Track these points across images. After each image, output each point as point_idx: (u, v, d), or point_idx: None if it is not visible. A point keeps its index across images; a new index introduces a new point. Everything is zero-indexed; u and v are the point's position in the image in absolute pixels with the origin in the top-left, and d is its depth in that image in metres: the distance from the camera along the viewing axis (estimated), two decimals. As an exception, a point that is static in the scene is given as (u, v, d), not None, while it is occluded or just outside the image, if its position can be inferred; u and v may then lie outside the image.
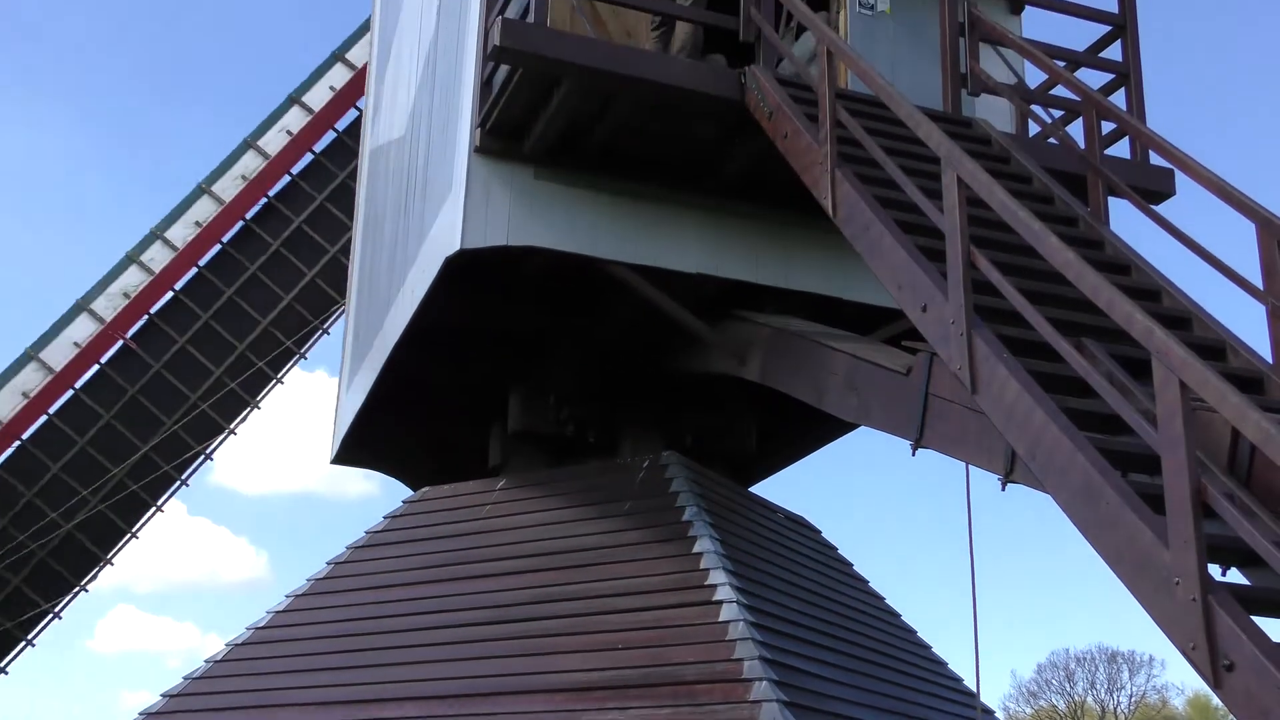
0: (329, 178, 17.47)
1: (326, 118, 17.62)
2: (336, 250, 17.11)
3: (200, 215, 16.95)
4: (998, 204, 6.05)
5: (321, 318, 17.33)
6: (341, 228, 16.97)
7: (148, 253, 16.78)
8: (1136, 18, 9.93)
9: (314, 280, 17.21)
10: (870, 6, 10.47)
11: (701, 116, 8.84)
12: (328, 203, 17.35)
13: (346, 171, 16.98)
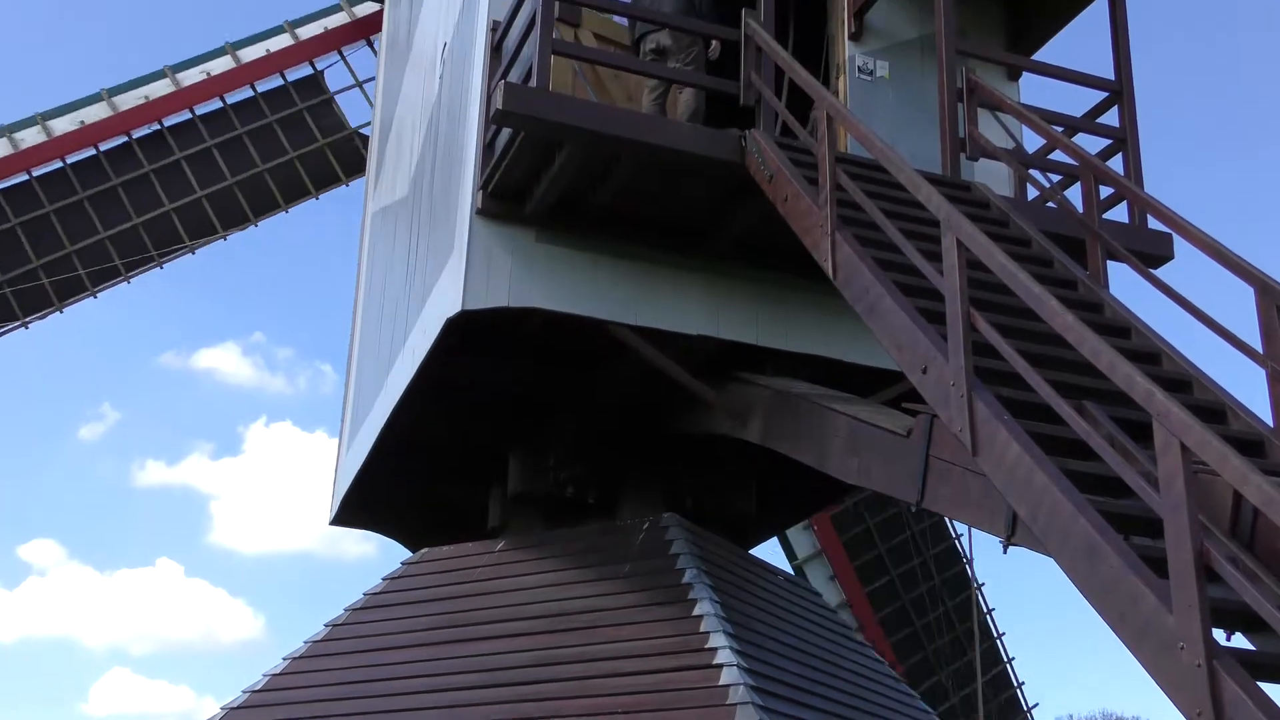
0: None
1: (308, 50, 16.50)
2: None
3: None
4: (997, 266, 6.07)
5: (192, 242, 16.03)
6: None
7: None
8: (1133, 84, 10.03)
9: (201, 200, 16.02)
10: (869, 72, 10.59)
11: (702, 179, 8.90)
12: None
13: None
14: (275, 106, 16.22)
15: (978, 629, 17.63)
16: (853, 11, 10.64)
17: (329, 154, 16.30)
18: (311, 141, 16.25)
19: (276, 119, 16.14)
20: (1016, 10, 11.20)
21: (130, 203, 15.53)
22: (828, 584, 18.05)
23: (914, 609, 18.61)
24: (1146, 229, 9.43)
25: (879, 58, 10.68)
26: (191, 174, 15.77)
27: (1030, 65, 10.62)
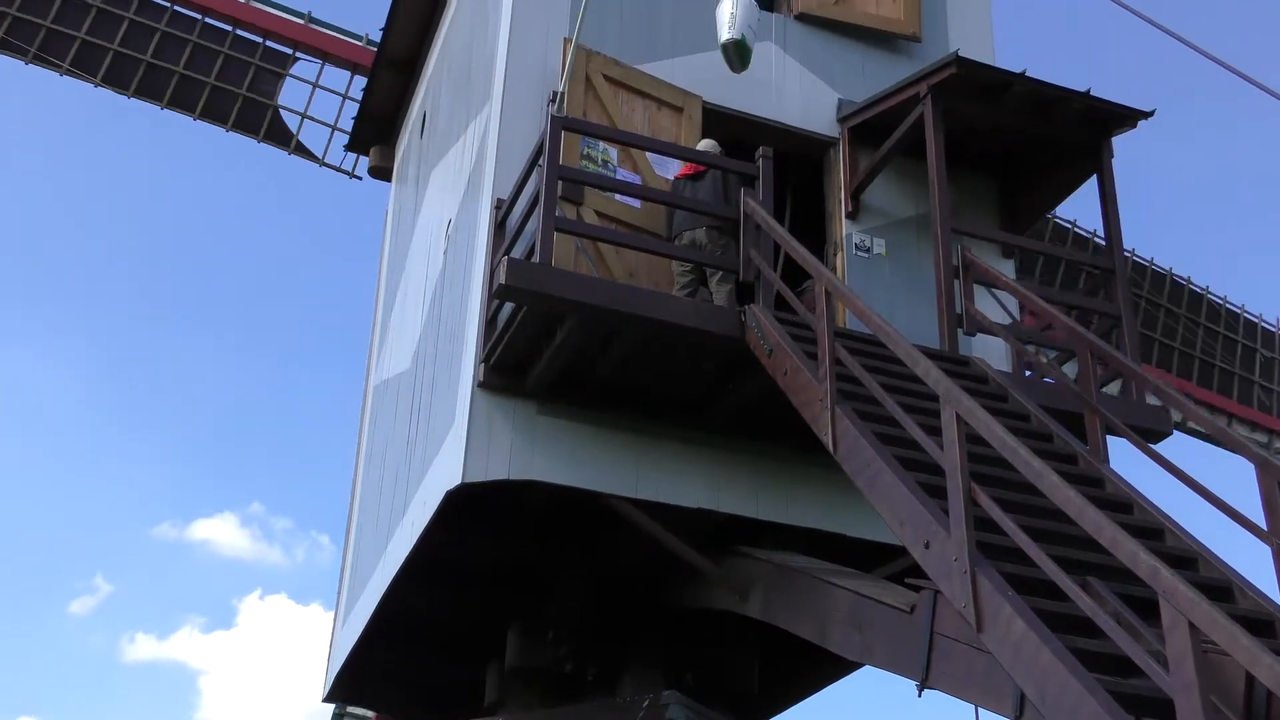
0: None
1: None
2: None
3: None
4: (997, 441, 6.08)
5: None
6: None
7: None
8: (1125, 263, 10.21)
9: None
10: (866, 249, 10.80)
11: (703, 353, 8.98)
12: None
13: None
14: (237, 48, 17.10)
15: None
16: (849, 191, 10.91)
17: (239, 103, 16.88)
18: (237, 85, 16.87)
19: (228, 53, 16.99)
20: (1009, 190, 11.47)
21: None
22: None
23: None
24: (1144, 404, 9.48)
25: (876, 235, 10.91)
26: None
27: (1025, 244, 10.83)
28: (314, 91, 17.09)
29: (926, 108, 10.09)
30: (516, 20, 10.55)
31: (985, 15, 12.57)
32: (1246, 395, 18.43)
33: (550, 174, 8.74)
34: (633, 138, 9.72)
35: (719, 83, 10.88)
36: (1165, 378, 17.16)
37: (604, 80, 10.15)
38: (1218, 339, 18.38)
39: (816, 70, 11.44)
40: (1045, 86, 10.15)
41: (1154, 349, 17.47)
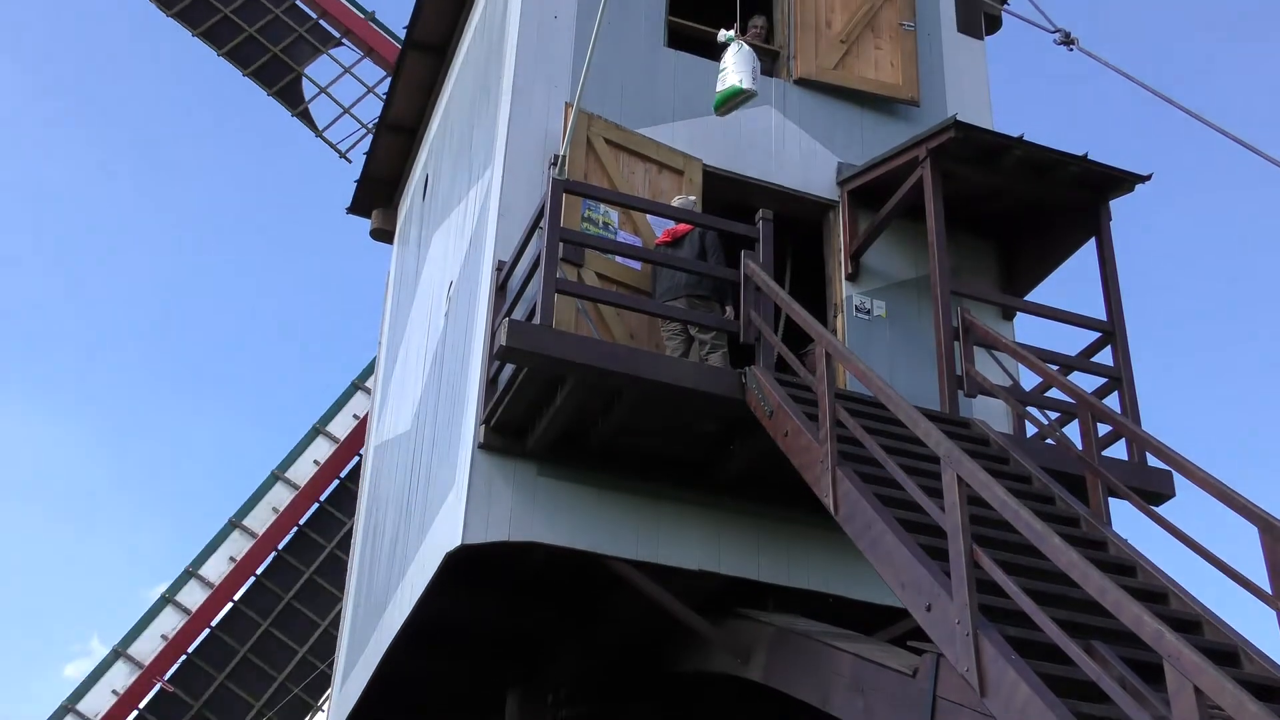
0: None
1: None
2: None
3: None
4: (998, 503, 6.07)
5: None
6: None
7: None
8: (1125, 325, 10.23)
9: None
10: (866, 311, 10.83)
11: (703, 415, 8.98)
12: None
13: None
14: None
15: None
16: (849, 253, 10.96)
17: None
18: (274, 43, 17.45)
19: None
20: (1008, 252, 11.53)
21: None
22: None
23: None
24: (1146, 466, 9.45)
25: (876, 297, 10.94)
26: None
27: (1024, 306, 10.85)
28: (343, 76, 17.57)
29: (926, 171, 10.16)
30: (518, 85, 10.66)
31: (983, 79, 12.70)
32: None
33: (551, 236, 8.79)
34: (633, 200, 9.78)
35: (719, 146, 10.98)
36: None
37: (605, 144, 10.23)
38: None
39: (816, 134, 11.54)
40: (1043, 150, 10.23)
41: None
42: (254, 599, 17.21)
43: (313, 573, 17.28)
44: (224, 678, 16.54)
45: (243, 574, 17.15)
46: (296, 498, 17.52)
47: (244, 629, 16.98)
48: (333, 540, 17.56)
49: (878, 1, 12.21)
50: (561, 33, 11.04)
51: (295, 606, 17.17)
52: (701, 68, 11.38)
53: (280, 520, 17.31)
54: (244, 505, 17.44)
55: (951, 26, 12.76)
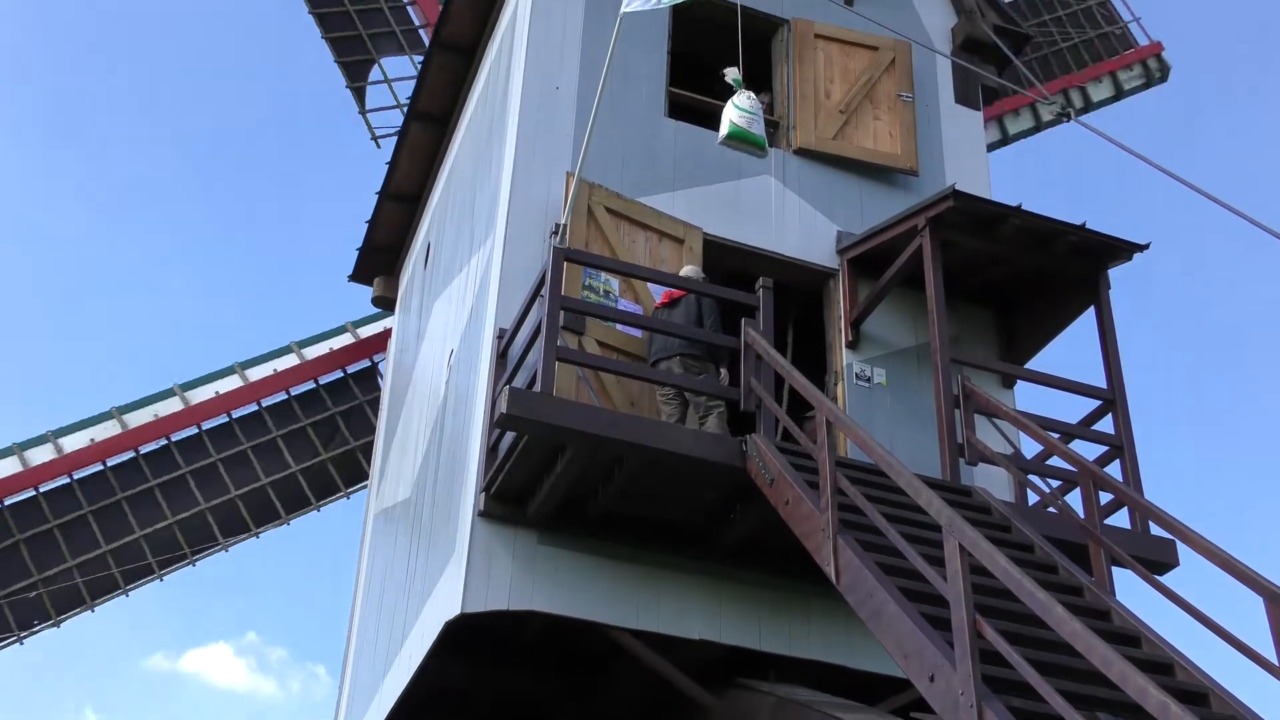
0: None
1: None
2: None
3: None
4: (1001, 572, 6.03)
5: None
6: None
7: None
8: (1125, 391, 10.24)
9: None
10: (867, 379, 10.84)
11: (704, 482, 8.96)
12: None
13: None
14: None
15: None
16: (849, 321, 10.99)
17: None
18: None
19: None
20: (1008, 320, 11.56)
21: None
22: None
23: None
24: (1149, 535, 9.41)
25: (876, 365, 10.96)
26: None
27: (1024, 374, 10.87)
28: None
29: (925, 240, 10.22)
30: (520, 154, 10.76)
31: (980, 149, 12.82)
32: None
33: (552, 304, 8.82)
34: (634, 269, 9.83)
35: (719, 214, 11.07)
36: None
37: (606, 212, 10.31)
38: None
39: (816, 203, 11.62)
40: (1041, 220, 10.29)
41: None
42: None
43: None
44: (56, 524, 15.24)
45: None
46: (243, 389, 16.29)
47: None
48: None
49: (876, 73, 12.35)
50: (563, 103, 11.16)
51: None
52: (701, 137, 11.50)
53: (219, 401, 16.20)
54: (193, 380, 16.29)
55: (949, 98, 12.90)
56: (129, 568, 15.35)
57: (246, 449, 16.10)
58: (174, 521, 15.61)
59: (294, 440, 16.41)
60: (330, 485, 16.46)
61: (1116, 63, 20.13)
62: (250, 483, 16.01)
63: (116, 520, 15.46)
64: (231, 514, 15.88)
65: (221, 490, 15.88)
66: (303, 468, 16.30)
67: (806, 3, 12.39)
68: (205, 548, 15.71)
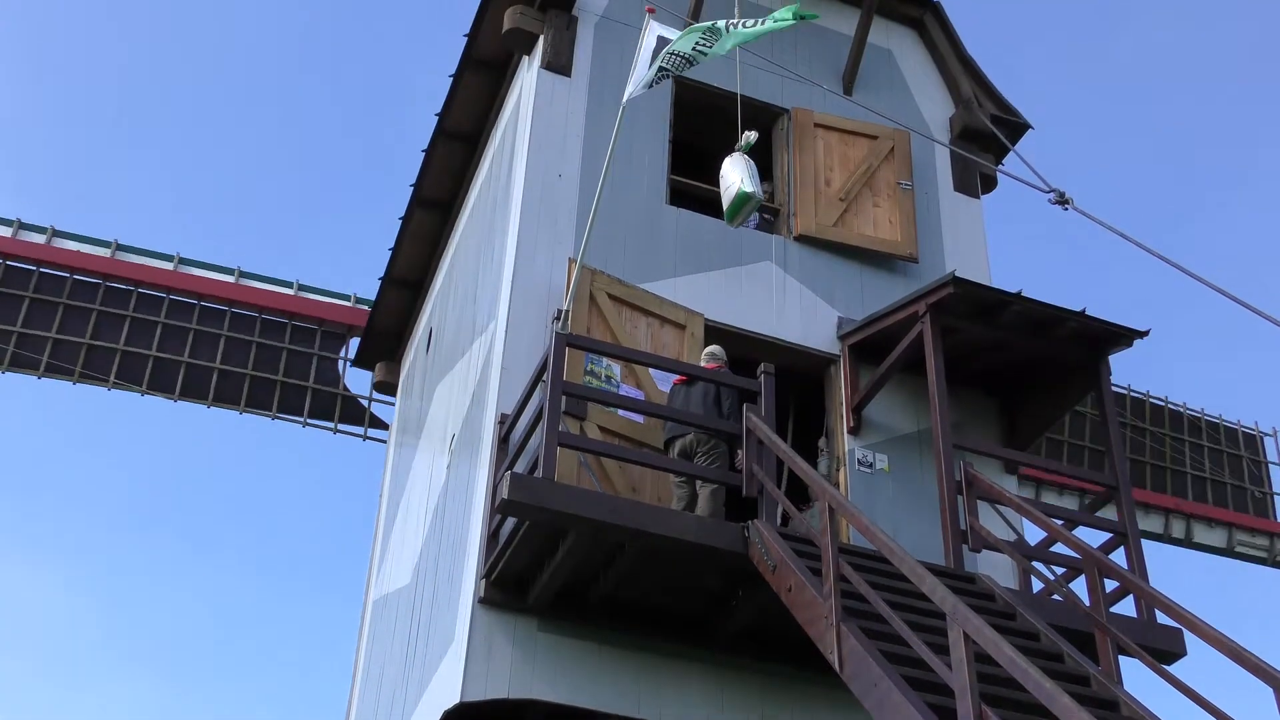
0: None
1: None
2: None
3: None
4: (1006, 661, 5.97)
5: None
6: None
7: None
8: (1128, 480, 10.21)
9: None
10: (869, 464, 10.81)
11: (706, 569, 8.90)
12: None
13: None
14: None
15: None
16: (850, 407, 10.99)
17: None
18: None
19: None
20: (1010, 406, 11.56)
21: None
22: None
23: None
24: (1156, 623, 9.32)
25: (878, 451, 10.94)
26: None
27: (1026, 461, 10.85)
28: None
29: (925, 326, 10.26)
30: (522, 240, 10.85)
31: (980, 236, 12.91)
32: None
33: (554, 390, 8.84)
34: (635, 354, 9.86)
35: (721, 300, 11.12)
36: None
37: (608, 298, 10.36)
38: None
39: (816, 289, 11.68)
40: (1041, 306, 10.34)
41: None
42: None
43: None
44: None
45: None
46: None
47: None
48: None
49: (875, 162, 12.49)
50: (565, 190, 11.27)
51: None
52: (703, 224, 11.61)
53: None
54: None
55: (948, 185, 13.03)
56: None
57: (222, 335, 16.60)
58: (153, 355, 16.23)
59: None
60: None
61: (1244, 520, 17.81)
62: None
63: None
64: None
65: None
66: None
67: (806, 92, 12.55)
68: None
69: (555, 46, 12.03)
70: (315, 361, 16.82)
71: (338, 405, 16.73)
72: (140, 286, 16.49)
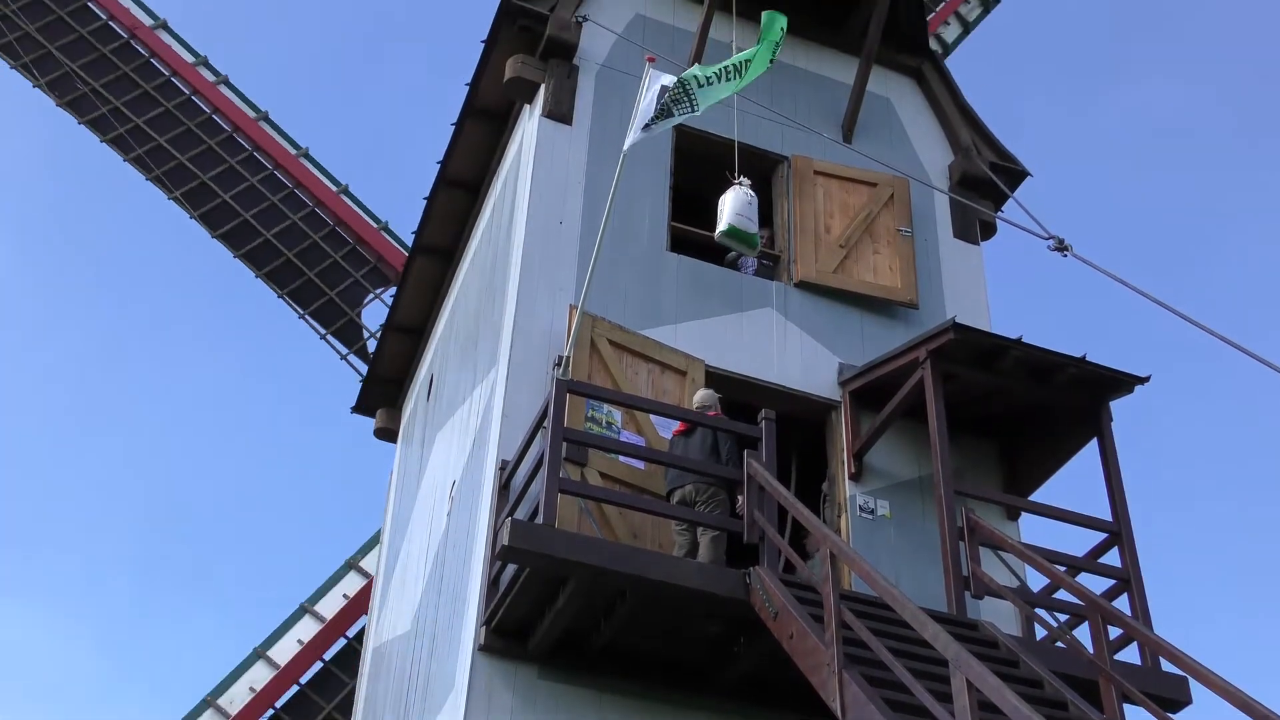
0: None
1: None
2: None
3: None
4: (1010, 709, 5.93)
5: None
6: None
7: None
8: (1131, 525, 10.17)
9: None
10: (871, 511, 10.78)
11: (707, 615, 8.86)
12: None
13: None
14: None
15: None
16: (852, 453, 10.98)
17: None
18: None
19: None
20: (1011, 452, 11.54)
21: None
22: None
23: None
24: (1161, 671, 9.25)
25: (879, 497, 10.91)
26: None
27: (1028, 506, 10.81)
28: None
29: (926, 372, 10.26)
30: (524, 287, 10.88)
31: (980, 282, 12.94)
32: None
33: (555, 436, 8.83)
34: (636, 401, 9.86)
35: (722, 347, 11.14)
36: None
37: (608, 345, 10.37)
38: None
39: (817, 335, 11.70)
40: (1041, 352, 10.35)
41: None
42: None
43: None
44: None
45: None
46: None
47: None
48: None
49: (875, 209, 12.55)
50: (566, 237, 11.32)
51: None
52: (703, 270, 11.64)
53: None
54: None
55: (948, 232, 13.08)
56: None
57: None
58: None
59: None
60: None
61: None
62: None
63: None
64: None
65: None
66: None
67: (806, 140, 12.62)
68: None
69: (557, 95, 12.12)
70: (345, 278, 18.49)
71: (343, 324, 18.39)
72: (237, 132, 18.74)
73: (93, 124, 18.72)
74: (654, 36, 12.86)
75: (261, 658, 17.01)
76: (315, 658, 17.26)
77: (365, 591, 17.29)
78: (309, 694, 17.14)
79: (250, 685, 16.81)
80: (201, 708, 16.67)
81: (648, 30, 12.98)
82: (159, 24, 19.59)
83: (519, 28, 12.42)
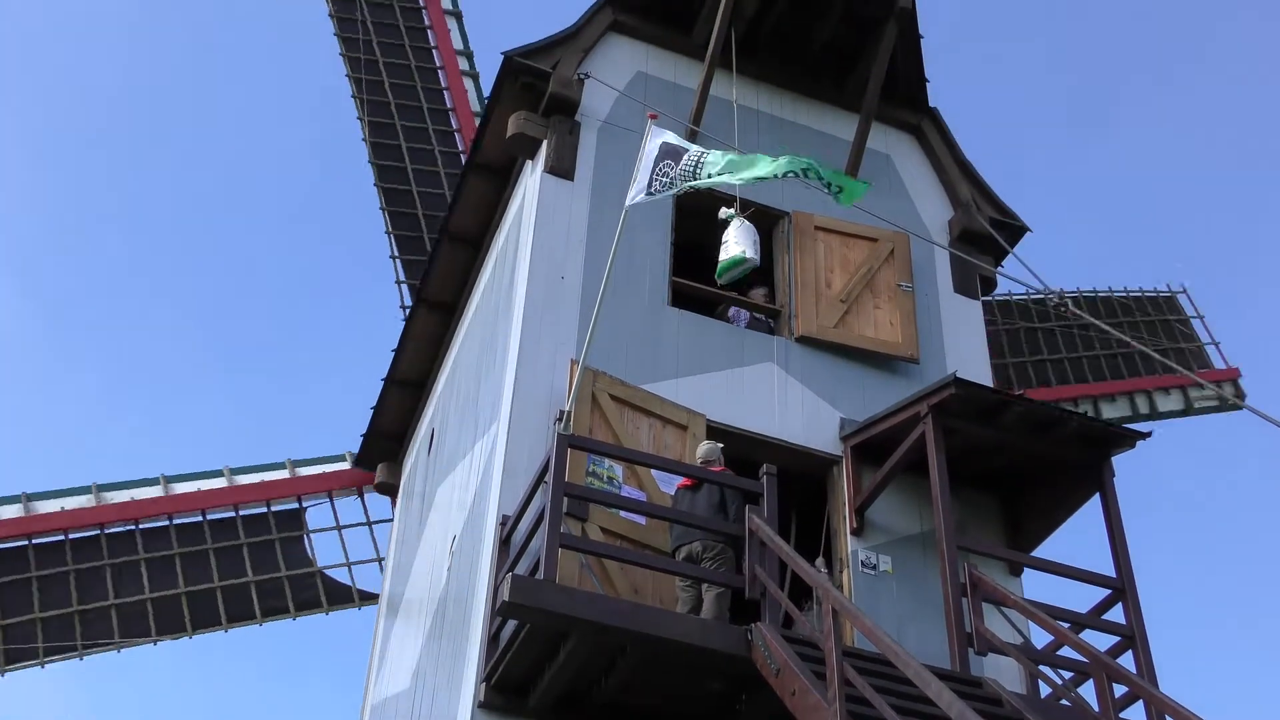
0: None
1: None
2: None
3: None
4: (1015, 767, 5.89)
5: None
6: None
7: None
8: (1134, 581, 10.12)
9: None
10: (873, 566, 10.74)
11: (709, 672, 8.80)
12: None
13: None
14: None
15: None
16: (853, 508, 10.95)
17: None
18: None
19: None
20: (1013, 506, 11.52)
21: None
22: None
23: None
24: (1166, 728, 9.17)
25: (881, 552, 10.88)
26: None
27: (1030, 562, 10.77)
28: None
29: (927, 427, 10.26)
30: (525, 341, 10.90)
31: (980, 337, 12.98)
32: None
33: (555, 491, 8.81)
34: (638, 455, 9.85)
35: (723, 401, 11.14)
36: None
37: (610, 399, 10.38)
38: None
39: (818, 390, 11.71)
40: (1042, 407, 10.37)
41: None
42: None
43: None
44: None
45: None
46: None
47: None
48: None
49: (876, 264, 12.60)
50: (568, 292, 11.36)
51: None
52: (704, 325, 11.68)
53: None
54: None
55: (948, 287, 13.13)
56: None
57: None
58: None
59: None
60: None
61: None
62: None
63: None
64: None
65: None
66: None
67: (806, 196, 12.68)
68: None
69: (558, 151, 12.22)
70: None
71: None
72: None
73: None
74: (655, 93, 12.99)
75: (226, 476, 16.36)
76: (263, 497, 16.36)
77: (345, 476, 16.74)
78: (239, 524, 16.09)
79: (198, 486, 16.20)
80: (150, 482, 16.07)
81: (649, 87, 13.12)
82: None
83: (521, 84, 12.54)
